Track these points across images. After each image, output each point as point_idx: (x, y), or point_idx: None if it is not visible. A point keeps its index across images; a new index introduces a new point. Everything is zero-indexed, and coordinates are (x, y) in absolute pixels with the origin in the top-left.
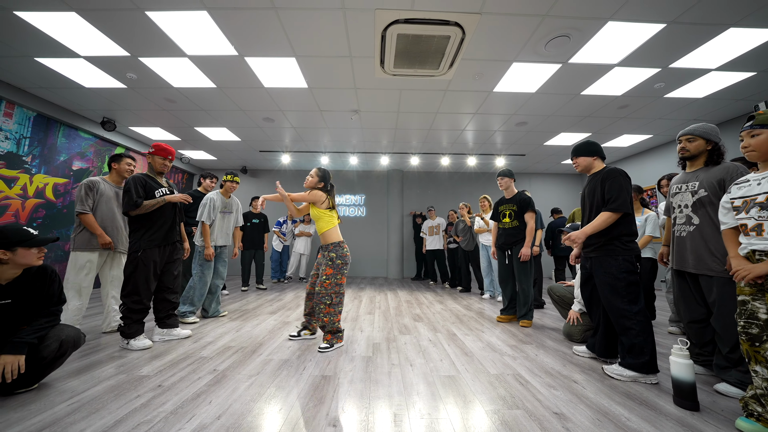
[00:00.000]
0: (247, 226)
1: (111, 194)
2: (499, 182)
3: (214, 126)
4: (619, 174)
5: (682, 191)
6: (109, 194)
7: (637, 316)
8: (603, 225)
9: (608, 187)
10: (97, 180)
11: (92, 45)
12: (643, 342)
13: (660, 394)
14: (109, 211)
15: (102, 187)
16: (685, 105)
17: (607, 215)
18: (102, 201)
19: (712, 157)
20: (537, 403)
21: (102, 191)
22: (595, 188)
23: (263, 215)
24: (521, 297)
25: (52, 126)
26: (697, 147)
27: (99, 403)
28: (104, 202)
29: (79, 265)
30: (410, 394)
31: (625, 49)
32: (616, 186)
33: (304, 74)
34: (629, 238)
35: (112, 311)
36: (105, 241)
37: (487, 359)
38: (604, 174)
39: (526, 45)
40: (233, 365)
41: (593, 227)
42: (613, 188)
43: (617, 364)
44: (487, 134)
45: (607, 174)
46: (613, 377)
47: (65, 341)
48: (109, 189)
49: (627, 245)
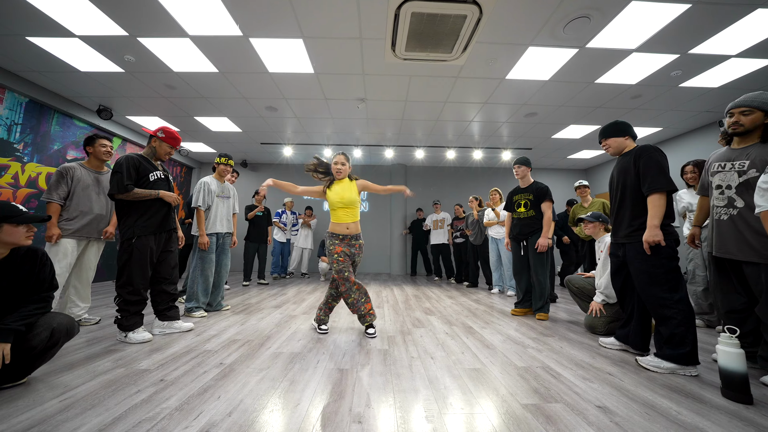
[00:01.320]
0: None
1: (89, 180)
2: (515, 171)
3: (214, 115)
4: (654, 150)
5: (725, 170)
6: (86, 180)
7: (679, 305)
8: (661, 209)
9: (645, 166)
10: (71, 166)
11: (88, 23)
12: (684, 332)
13: (703, 386)
14: (86, 198)
15: (78, 173)
16: (699, 95)
17: (656, 198)
18: (78, 188)
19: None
20: (576, 396)
21: (78, 177)
22: (628, 167)
23: (266, 208)
24: (537, 289)
25: (46, 113)
26: (753, 121)
27: (95, 398)
28: (81, 189)
29: (53, 251)
30: (437, 387)
31: (645, 32)
32: (654, 164)
33: (311, 58)
34: (667, 220)
35: (69, 302)
36: (50, 233)
37: (511, 351)
38: (636, 152)
39: (545, 27)
40: (241, 359)
41: (658, 218)
42: (651, 166)
43: (653, 355)
44: (494, 126)
45: (641, 151)
46: (649, 369)
47: (57, 330)
48: (87, 175)
49: (665, 229)
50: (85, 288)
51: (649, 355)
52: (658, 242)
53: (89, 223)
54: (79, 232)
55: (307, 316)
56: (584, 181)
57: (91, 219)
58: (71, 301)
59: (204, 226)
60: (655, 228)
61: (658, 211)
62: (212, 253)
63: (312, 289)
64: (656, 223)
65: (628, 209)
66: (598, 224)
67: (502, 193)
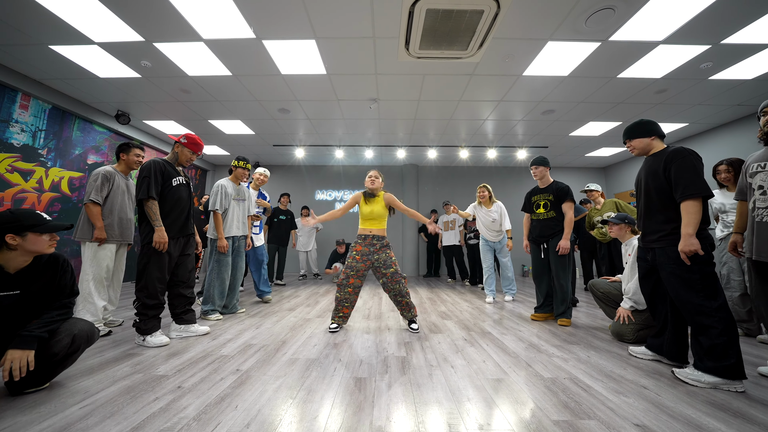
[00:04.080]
0: (274, 222)
1: (123, 185)
2: (533, 171)
3: (228, 118)
4: (688, 153)
5: (765, 170)
6: (122, 186)
7: (719, 313)
8: (697, 216)
9: (678, 171)
10: (112, 171)
11: (106, 30)
12: (726, 342)
13: (752, 403)
14: (123, 203)
15: (117, 178)
16: (730, 88)
17: (691, 204)
18: (117, 193)
19: None
20: (610, 412)
21: (117, 183)
22: (657, 171)
23: (290, 212)
24: (559, 294)
25: (67, 119)
26: None
27: (114, 406)
28: (119, 194)
29: (102, 255)
30: (460, 400)
31: (674, 23)
32: (689, 167)
33: (324, 59)
34: (702, 225)
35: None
36: (101, 236)
37: (535, 360)
38: (668, 155)
39: (566, 20)
40: (257, 365)
41: (693, 225)
42: (685, 171)
43: (692, 367)
44: (509, 125)
45: (674, 154)
46: (688, 383)
47: (78, 336)
48: (121, 181)
49: (700, 233)
50: (116, 290)
51: (687, 368)
52: (695, 251)
53: (126, 227)
54: (119, 237)
55: (321, 320)
56: (592, 185)
57: (127, 223)
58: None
59: (222, 229)
60: (691, 237)
61: (694, 218)
62: (229, 256)
63: (325, 291)
64: (691, 232)
65: (658, 213)
66: (624, 226)
67: (491, 189)
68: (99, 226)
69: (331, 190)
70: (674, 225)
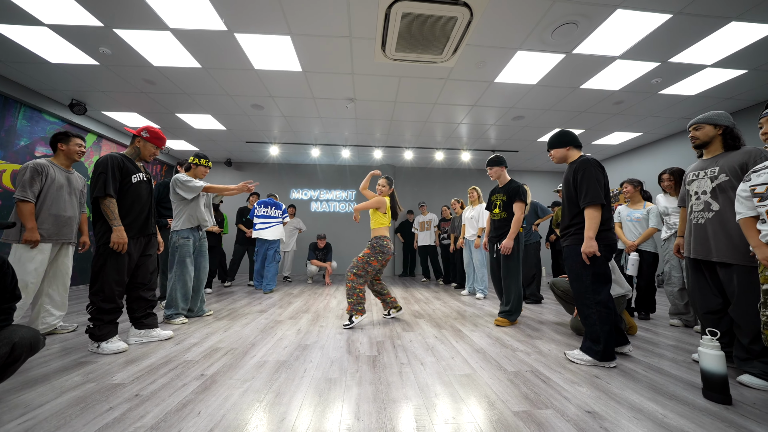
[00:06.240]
0: (243, 221)
1: (62, 180)
2: (488, 172)
3: (197, 112)
4: (590, 165)
5: (699, 177)
6: (60, 180)
7: (597, 306)
8: (596, 220)
9: (580, 179)
10: (45, 164)
11: (59, 11)
12: (599, 330)
13: (687, 387)
14: (60, 199)
15: (52, 172)
16: (677, 102)
17: (591, 210)
18: (52, 188)
19: (726, 140)
20: (565, 401)
21: (52, 177)
22: (569, 178)
23: None
24: (505, 293)
25: (11, 106)
26: (705, 134)
27: (60, 419)
28: (55, 189)
29: (27, 257)
30: (428, 395)
31: (629, 40)
32: (588, 177)
33: (299, 56)
34: (603, 227)
35: (43, 311)
36: (33, 238)
37: (501, 356)
38: (577, 165)
39: (533, 31)
40: (223, 369)
41: (593, 229)
42: (584, 180)
43: (578, 349)
44: (482, 129)
45: (579, 165)
46: (574, 362)
47: (19, 344)
48: (59, 174)
49: (600, 234)
50: (62, 295)
51: (576, 350)
52: (594, 252)
53: (65, 225)
54: (56, 236)
55: (293, 321)
56: None
57: (66, 221)
58: (45, 310)
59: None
60: (591, 239)
61: (593, 223)
62: (190, 256)
63: (299, 291)
64: (591, 235)
65: (566, 217)
66: None
67: (480, 191)
68: (29, 226)
69: (307, 189)
70: (576, 227)
